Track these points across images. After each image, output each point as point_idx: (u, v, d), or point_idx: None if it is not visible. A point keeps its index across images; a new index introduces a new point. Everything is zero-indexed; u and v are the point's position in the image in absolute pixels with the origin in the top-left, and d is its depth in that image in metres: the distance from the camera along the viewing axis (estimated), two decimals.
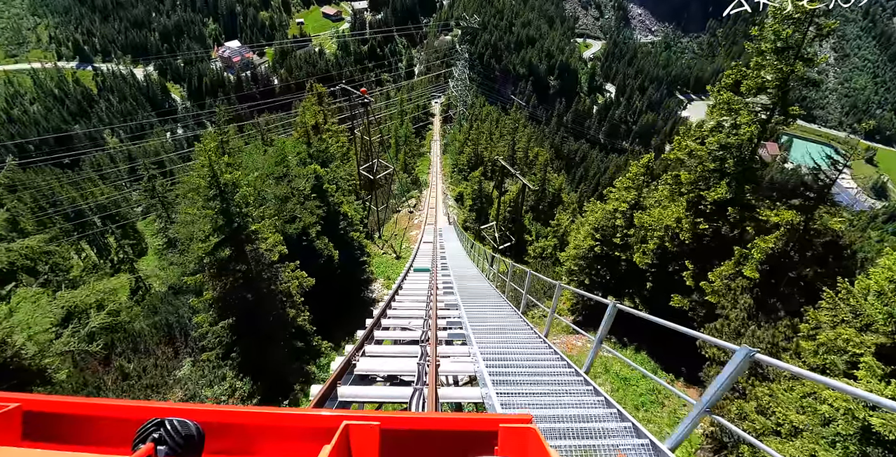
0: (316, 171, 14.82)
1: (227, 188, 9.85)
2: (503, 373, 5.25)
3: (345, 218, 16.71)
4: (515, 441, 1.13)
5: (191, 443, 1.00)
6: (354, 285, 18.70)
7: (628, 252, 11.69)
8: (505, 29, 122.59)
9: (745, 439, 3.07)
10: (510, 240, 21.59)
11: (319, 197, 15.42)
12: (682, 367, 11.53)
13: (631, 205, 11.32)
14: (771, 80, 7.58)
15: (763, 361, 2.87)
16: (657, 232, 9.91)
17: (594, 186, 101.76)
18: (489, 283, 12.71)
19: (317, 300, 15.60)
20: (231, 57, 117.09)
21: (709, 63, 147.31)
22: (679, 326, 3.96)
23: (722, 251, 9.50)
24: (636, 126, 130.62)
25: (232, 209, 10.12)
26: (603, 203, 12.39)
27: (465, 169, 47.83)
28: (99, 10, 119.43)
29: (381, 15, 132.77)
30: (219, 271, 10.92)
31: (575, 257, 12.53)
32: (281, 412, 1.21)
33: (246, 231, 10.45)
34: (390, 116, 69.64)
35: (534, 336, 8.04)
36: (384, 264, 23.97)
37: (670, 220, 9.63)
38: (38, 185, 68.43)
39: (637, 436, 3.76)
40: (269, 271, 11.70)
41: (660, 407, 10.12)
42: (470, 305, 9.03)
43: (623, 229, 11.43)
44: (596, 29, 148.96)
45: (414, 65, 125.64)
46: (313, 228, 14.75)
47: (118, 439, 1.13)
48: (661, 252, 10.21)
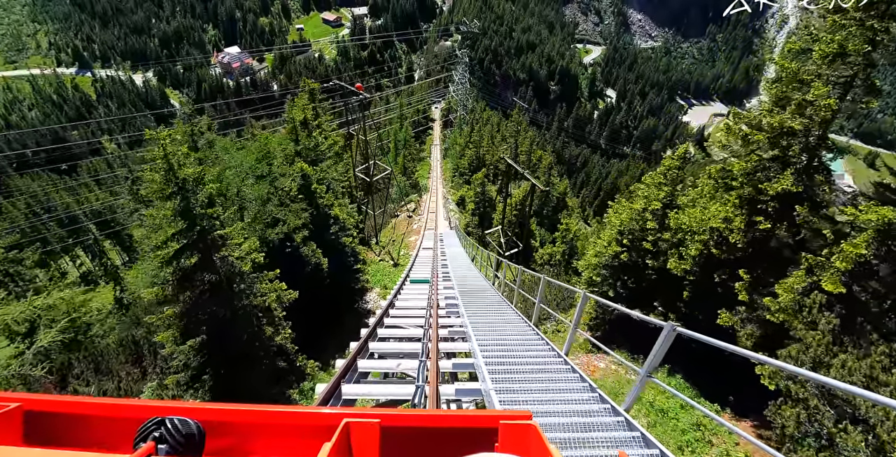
0: (303, 169, 13.26)
1: (189, 185, 8.26)
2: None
3: (336, 222, 15.11)
4: (516, 438, 1.13)
5: (191, 441, 1.00)
6: (347, 296, 17.02)
7: (661, 258, 10.07)
8: (505, 34, 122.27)
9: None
10: (517, 245, 19.97)
11: (307, 198, 13.84)
12: (727, 395, 9.84)
13: (664, 203, 9.73)
14: (855, 42, 6.02)
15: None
16: (700, 235, 8.29)
17: (596, 191, 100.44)
18: (501, 296, 11.00)
19: (304, 313, 13.94)
20: (231, 63, 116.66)
21: (709, 68, 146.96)
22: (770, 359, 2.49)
23: (776, 259, 7.89)
24: (637, 131, 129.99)
25: (195, 210, 8.52)
26: (629, 202, 10.78)
27: (466, 172, 46.36)
28: (99, 17, 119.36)
29: (380, 21, 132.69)
30: (182, 283, 9.30)
31: (596, 266, 10.89)
32: (281, 410, 1.21)
33: (212, 235, 8.85)
34: (389, 120, 68.51)
35: (555, 357, 6.42)
36: (381, 272, 22.30)
37: (717, 221, 8.02)
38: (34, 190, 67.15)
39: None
40: (242, 283, 10.07)
41: (707, 446, 8.41)
42: (483, 334, 6.99)
43: (655, 233, 9.82)
44: (596, 34, 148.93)
45: (414, 70, 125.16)
46: (299, 233, 13.14)
47: (119, 438, 1.12)
48: (705, 259, 8.59)
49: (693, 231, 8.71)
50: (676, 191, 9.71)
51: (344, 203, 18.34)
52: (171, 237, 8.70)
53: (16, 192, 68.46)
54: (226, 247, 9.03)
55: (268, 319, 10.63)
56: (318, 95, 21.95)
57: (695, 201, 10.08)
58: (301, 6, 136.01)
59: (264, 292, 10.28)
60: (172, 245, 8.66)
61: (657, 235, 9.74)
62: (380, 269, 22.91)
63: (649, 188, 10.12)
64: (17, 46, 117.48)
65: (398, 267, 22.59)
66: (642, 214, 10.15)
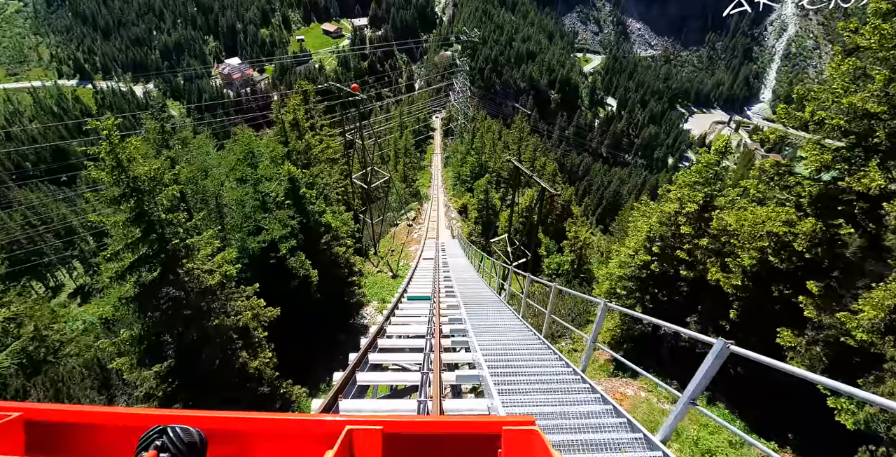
0: (290, 172, 11.97)
1: (144, 185, 6.94)
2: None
3: (328, 230, 13.75)
4: (519, 443, 1.12)
5: (194, 450, 1.00)
6: (341, 311, 15.57)
7: (697, 268, 8.67)
8: (505, 44, 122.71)
9: None
10: (525, 255, 18.58)
11: (295, 204, 12.51)
12: (784, 431, 8.34)
13: (701, 205, 8.38)
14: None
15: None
16: (758, 241, 6.92)
17: (598, 200, 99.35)
18: (517, 316, 9.51)
19: (291, 332, 12.52)
20: (231, 74, 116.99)
21: (709, 76, 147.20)
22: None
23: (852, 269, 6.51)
24: (638, 139, 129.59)
25: (153, 215, 7.19)
26: (658, 204, 9.43)
27: (467, 180, 45.15)
28: (101, 29, 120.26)
29: (381, 31, 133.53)
30: (142, 301, 7.91)
31: (621, 278, 9.49)
32: (283, 418, 1.21)
33: (175, 245, 7.49)
34: (389, 129, 67.75)
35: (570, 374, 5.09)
36: (378, 284, 20.85)
37: (776, 224, 6.66)
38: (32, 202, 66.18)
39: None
40: (216, 300, 8.69)
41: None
42: (506, 382, 5.50)
43: (692, 239, 8.45)
44: (596, 44, 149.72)
45: (414, 80, 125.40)
46: (286, 243, 11.77)
47: (121, 446, 1.13)
48: (759, 269, 7.20)
49: (741, 235, 7.33)
50: (715, 191, 8.38)
51: (338, 210, 17.02)
52: (125, 247, 7.35)
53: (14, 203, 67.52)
54: (189, 258, 7.66)
55: (244, 342, 9.21)
56: (313, 98, 20.81)
57: (734, 202, 8.74)
58: (302, 17, 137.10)
59: (239, 311, 8.87)
60: (127, 256, 7.31)
61: (693, 242, 8.37)
62: (378, 281, 21.47)
63: (682, 189, 8.78)
64: (19, 59, 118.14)
65: (397, 279, 21.17)
66: (675, 218, 8.79)
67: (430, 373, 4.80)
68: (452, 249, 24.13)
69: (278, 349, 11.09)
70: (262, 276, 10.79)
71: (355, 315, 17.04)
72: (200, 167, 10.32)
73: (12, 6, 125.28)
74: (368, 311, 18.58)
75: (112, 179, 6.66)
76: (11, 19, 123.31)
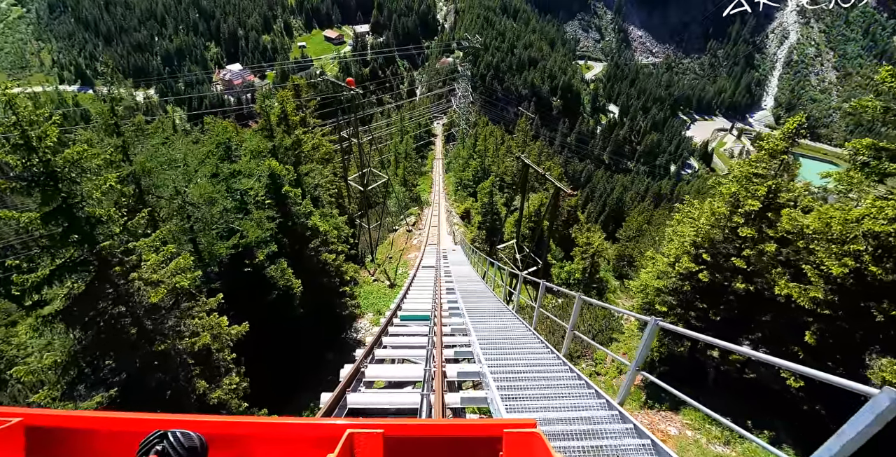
0: (272, 167, 10.45)
1: (63, 172, 5.40)
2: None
3: (316, 234, 12.18)
4: (520, 446, 1.12)
5: (194, 454, 0.99)
6: (331, 325, 13.92)
7: (756, 280, 7.07)
8: (507, 50, 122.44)
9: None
10: (536, 263, 16.90)
11: (277, 205, 10.97)
12: None
13: (764, 203, 6.81)
14: None
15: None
16: (854, 244, 5.33)
17: (601, 207, 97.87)
18: (538, 337, 7.68)
19: (268, 350, 10.88)
20: (232, 79, 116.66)
21: (710, 83, 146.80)
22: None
23: None
24: (641, 146, 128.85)
25: (77, 210, 5.64)
26: (705, 203, 7.81)
27: (470, 185, 43.68)
28: (102, 35, 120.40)
29: (382, 38, 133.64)
30: (69, 319, 6.33)
31: (660, 292, 7.86)
32: (284, 422, 1.20)
33: (107, 248, 5.92)
34: (390, 134, 66.64)
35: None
36: (374, 294, 19.17)
37: (879, 222, 5.09)
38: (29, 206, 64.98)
39: None
40: (168, 319, 7.08)
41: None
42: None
43: (753, 244, 6.86)
44: (597, 51, 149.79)
45: (416, 87, 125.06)
46: (264, 248, 10.19)
47: (121, 451, 1.12)
48: (849, 281, 5.60)
49: (827, 238, 5.75)
50: (781, 184, 6.81)
51: (331, 213, 15.46)
52: (44, 251, 5.79)
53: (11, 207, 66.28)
54: (124, 265, 6.08)
55: (204, 367, 7.58)
56: (306, 94, 19.39)
57: (797, 199, 7.15)
58: (303, 24, 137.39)
59: (197, 331, 7.25)
60: (43, 266, 5.74)
61: (757, 248, 6.77)
62: (373, 290, 19.80)
63: (735, 183, 7.20)
64: (21, 64, 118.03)
65: (394, 288, 19.51)
66: (727, 219, 7.20)
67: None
68: (455, 256, 22.21)
69: (252, 372, 9.44)
70: (234, 286, 9.19)
71: (348, 329, 15.38)
72: (162, 159, 8.79)
73: (15, 12, 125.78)
74: (363, 323, 16.92)
75: (18, 162, 5.13)
76: (14, 25, 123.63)
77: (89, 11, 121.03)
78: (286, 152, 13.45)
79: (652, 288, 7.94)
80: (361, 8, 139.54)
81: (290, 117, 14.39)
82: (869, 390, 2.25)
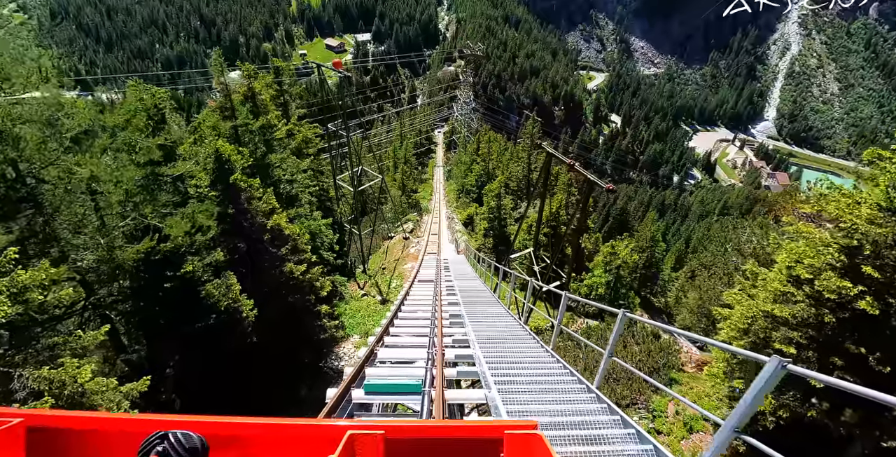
0: (219, 149, 7.91)
1: None
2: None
3: (280, 237, 9.56)
4: (521, 448, 1.11)
5: (195, 455, 0.99)
6: (302, 353, 11.15)
7: None
8: (508, 60, 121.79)
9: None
10: (559, 276, 14.13)
11: (226, 198, 8.39)
12: None
13: None
14: None
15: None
16: None
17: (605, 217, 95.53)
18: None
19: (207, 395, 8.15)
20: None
21: (713, 94, 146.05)
22: None
23: None
24: (643, 156, 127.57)
25: None
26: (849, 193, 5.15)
27: (473, 190, 41.25)
28: (103, 42, 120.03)
29: (384, 47, 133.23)
30: None
31: (776, 322, 5.16)
32: (285, 423, 1.19)
33: None
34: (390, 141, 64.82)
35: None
36: (362, 312, 16.35)
37: None
38: None
39: None
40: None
41: None
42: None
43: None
44: (599, 61, 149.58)
45: (417, 95, 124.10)
46: (201, 258, 7.54)
47: (122, 452, 1.11)
48: None
49: None
50: None
51: (308, 214, 12.84)
52: None
53: None
54: None
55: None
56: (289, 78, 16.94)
57: None
58: (305, 32, 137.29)
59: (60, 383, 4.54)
60: None
61: None
62: (361, 307, 16.98)
63: (891, 172, 4.61)
64: None
65: (386, 304, 16.71)
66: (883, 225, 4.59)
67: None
68: (458, 267, 18.64)
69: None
70: (149, 308, 6.52)
71: (326, 357, 12.60)
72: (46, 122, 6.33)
73: (17, 18, 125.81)
74: (347, 348, 14.14)
75: None
76: (15, 31, 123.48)
77: (90, 18, 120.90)
78: (252, 137, 10.91)
79: (759, 314, 5.26)
80: (363, 17, 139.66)
81: (262, 97, 11.89)
82: None
